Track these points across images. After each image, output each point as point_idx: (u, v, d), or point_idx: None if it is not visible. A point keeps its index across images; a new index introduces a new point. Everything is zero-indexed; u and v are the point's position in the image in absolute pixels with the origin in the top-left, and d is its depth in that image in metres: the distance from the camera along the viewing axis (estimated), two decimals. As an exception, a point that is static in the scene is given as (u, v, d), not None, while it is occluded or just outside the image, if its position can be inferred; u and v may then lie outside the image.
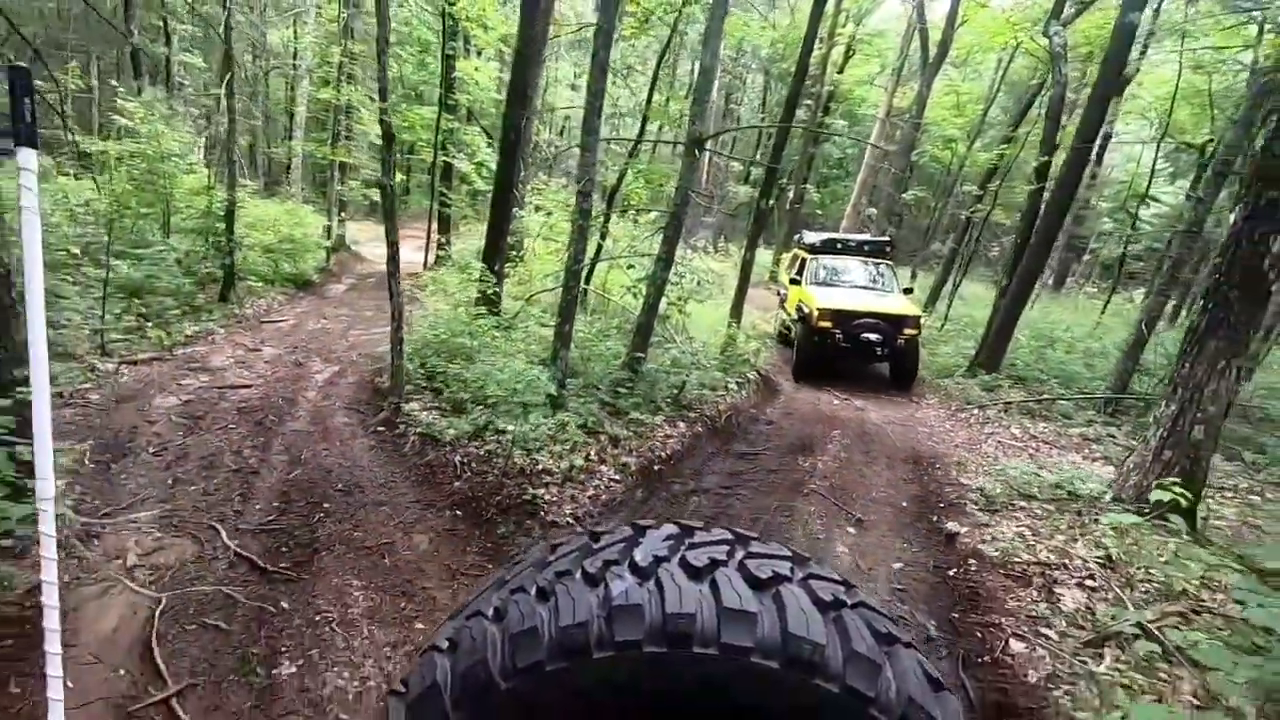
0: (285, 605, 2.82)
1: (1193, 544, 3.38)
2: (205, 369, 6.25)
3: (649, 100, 10.56)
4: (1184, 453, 3.90)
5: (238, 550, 3.23)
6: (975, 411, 7.53)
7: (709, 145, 7.46)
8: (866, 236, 11.19)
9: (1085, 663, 2.57)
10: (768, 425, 6.41)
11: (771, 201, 8.26)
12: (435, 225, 14.84)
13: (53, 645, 1.08)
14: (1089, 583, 3.19)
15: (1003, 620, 2.93)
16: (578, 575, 0.93)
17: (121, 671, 2.41)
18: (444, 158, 13.63)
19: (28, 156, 1.19)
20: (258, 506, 3.74)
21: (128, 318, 6.67)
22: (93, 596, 2.77)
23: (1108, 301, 15.36)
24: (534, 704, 0.85)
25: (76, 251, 6.93)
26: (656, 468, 4.82)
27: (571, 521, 3.80)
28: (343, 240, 16.77)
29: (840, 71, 24.74)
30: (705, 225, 31.03)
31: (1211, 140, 10.92)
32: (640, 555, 0.94)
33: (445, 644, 0.95)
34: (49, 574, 1.09)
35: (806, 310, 8.49)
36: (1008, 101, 22.89)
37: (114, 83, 11.24)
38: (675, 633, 0.82)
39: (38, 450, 1.20)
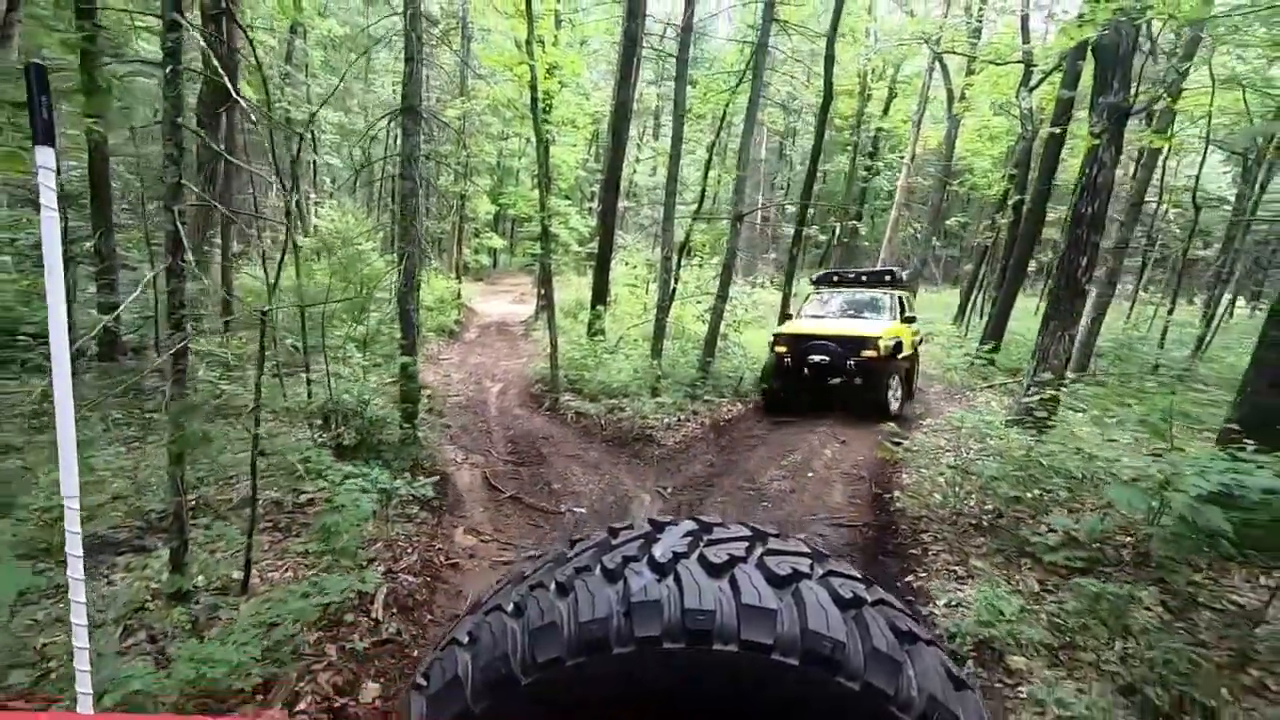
0: (541, 471, 5.87)
1: (1030, 434, 5.92)
2: (425, 386, 9.59)
3: (705, 174, 13.73)
4: (1038, 391, 6.41)
5: (504, 459, 6.32)
6: (967, 392, 9.95)
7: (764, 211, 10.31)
8: (868, 268, 11.44)
9: (936, 486, 5.24)
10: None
11: (798, 249, 10.95)
12: (540, 282, 18.32)
13: (79, 616, 1.14)
14: (962, 454, 5.80)
15: (901, 468, 5.60)
16: (597, 571, 0.94)
17: (482, 492, 5.48)
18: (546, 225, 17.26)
19: (46, 155, 1.15)
20: (501, 445, 6.85)
21: (373, 356, 10.18)
22: (455, 470, 5.88)
23: (1133, 305, 17.08)
24: (554, 699, 0.86)
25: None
26: (722, 424, 7.69)
27: (675, 443, 6.73)
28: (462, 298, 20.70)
29: (886, 112, 27.47)
30: (765, 261, 33.96)
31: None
32: (659, 551, 0.95)
33: (466, 639, 0.96)
34: (75, 570, 1.13)
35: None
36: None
37: (312, 195, 15.49)
38: (694, 629, 0.83)
39: (62, 447, 1.14)
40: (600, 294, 11.33)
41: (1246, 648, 2.64)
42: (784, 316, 10.32)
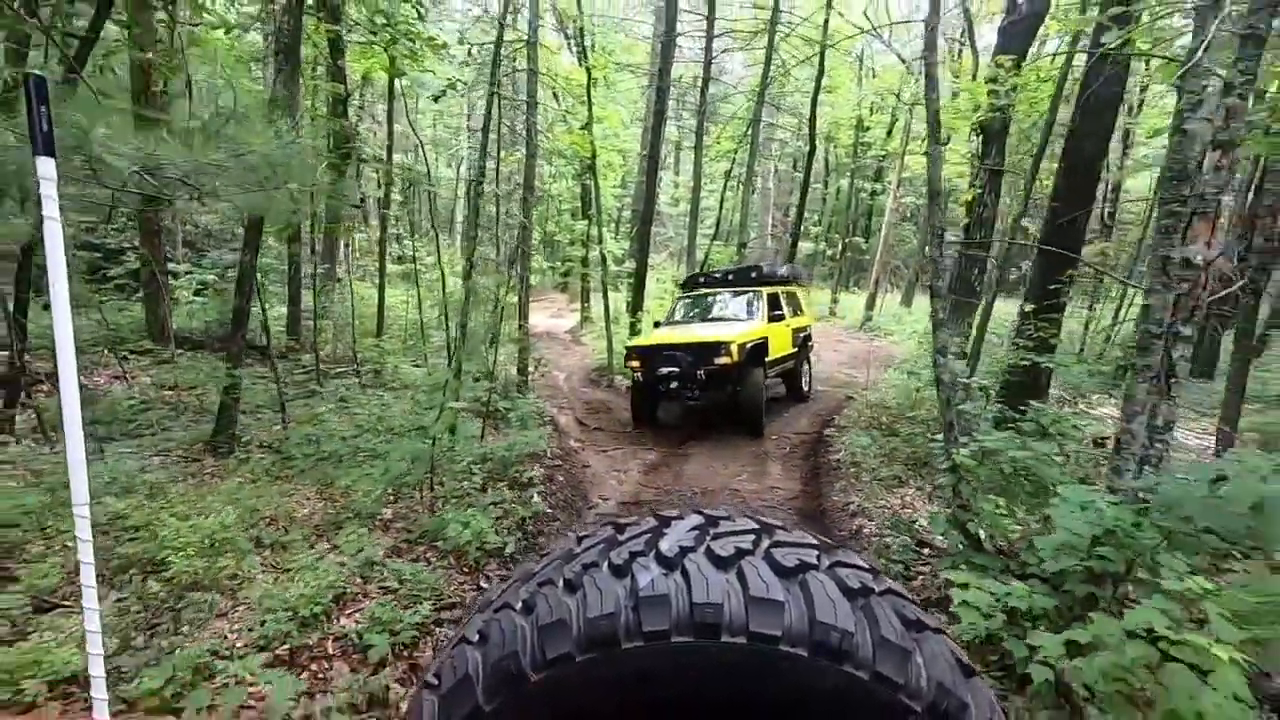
0: (611, 416, 9.02)
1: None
2: (538, 355, 12.81)
3: (721, 204, 16.93)
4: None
5: (584, 412, 9.47)
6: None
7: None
8: (733, 266, 10.81)
9: (862, 414, 8.30)
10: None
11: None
12: (582, 296, 21.56)
13: (91, 612, 1.21)
14: (888, 393, 8.83)
15: (853, 396, 8.66)
16: (604, 567, 0.95)
17: (576, 427, 8.63)
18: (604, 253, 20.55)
19: (47, 165, 1.16)
20: (579, 405, 10.00)
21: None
22: (555, 415, 9.04)
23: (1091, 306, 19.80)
24: (565, 695, 0.87)
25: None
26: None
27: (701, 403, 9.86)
28: (515, 312, 23.99)
29: (889, 134, 30.34)
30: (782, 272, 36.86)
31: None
32: (666, 546, 0.96)
33: (475, 637, 0.97)
34: (88, 577, 1.18)
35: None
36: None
37: (403, 230, 19.05)
38: (703, 622, 0.84)
39: (71, 454, 1.13)
40: (638, 304, 14.53)
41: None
42: (655, 324, 9.52)
